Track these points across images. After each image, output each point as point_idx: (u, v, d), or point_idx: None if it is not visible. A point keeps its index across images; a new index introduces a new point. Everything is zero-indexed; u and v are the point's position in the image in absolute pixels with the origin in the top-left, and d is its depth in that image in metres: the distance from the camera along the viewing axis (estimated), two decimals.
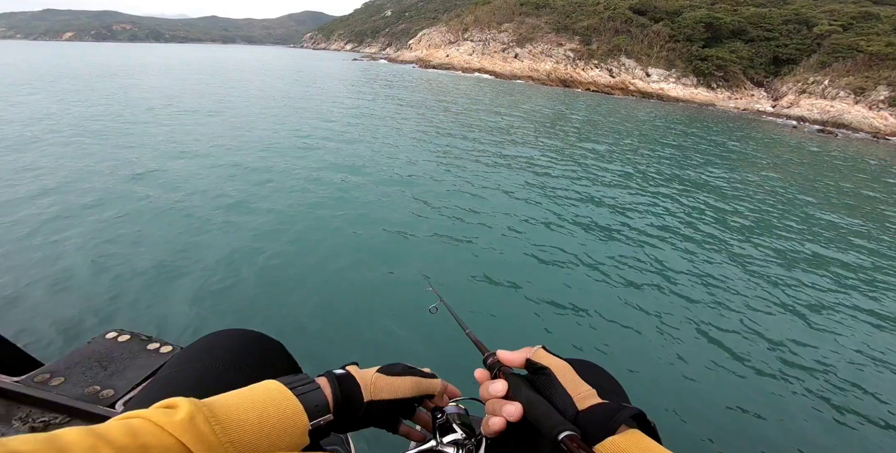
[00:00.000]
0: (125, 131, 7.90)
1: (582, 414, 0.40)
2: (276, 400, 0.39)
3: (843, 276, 4.65)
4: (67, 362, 1.00)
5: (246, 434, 0.36)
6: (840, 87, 26.96)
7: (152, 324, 2.72)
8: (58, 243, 3.61)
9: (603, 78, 36.06)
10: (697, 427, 2.40)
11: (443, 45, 46.15)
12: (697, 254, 4.77)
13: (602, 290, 3.77)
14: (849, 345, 3.35)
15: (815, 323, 3.62)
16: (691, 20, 35.62)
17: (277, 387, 0.41)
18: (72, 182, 5.06)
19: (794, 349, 3.21)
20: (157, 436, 0.31)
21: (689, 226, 5.61)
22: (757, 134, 17.98)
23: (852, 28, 30.60)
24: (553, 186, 6.71)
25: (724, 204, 6.86)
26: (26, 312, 2.71)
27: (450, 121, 12.29)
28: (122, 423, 0.31)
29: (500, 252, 4.31)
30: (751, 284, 4.19)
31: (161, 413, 0.33)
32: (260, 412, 0.38)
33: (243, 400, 0.38)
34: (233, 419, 0.36)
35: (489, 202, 5.70)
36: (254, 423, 0.36)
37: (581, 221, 5.37)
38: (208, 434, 0.33)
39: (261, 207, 4.79)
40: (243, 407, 0.37)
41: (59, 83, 15.33)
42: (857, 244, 5.72)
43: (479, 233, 4.67)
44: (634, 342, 3.09)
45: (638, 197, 6.71)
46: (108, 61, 31.65)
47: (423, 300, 0.78)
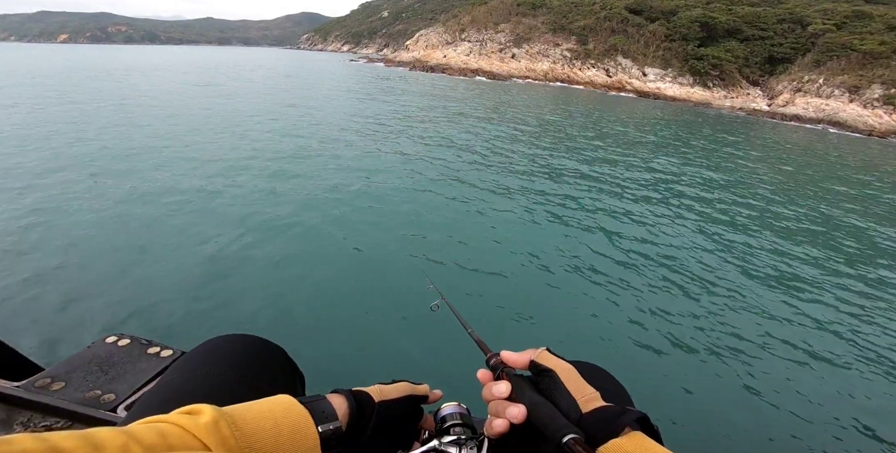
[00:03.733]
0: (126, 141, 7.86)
1: (586, 416, 0.40)
2: (287, 410, 0.41)
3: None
4: (68, 367, 1.01)
5: (261, 441, 0.37)
6: (835, 85, 27.15)
7: (151, 328, 2.71)
8: (56, 248, 3.60)
9: (600, 77, 36.17)
10: (699, 430, 2.41)
11: (440, 45, 46.17)
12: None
13: (608, 291, 3.78)
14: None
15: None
16: (687, 19, 35.80)
17: (288, 399, 0.43)
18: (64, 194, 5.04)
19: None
20: (183, 438, 0.33)
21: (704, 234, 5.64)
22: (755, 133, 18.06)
23: (846, 27, 30.82)
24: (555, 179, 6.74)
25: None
26: (26, 318, 2.70)
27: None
28: (150, 426, 0.33)
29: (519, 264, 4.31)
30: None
31: (186, 417, 0.35)
32: (274, 422, 0.39)
33: (260, 410, 0.40)
34: (250, 427, 0.37)
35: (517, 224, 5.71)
36: (269, 433, 0.38)
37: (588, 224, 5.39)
38: (229, 438, 0.35)
39: (253, 207, 4.79)
40: (259, 417, 0.39)
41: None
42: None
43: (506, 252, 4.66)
44: (641, 348, 3.10)
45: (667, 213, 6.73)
46: (104, 64, 31.38)
47: (426, 298, 0.78)
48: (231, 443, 0.35)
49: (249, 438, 0.36)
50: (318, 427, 0.42)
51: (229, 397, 0.45)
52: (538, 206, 5.77)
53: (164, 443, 0.32)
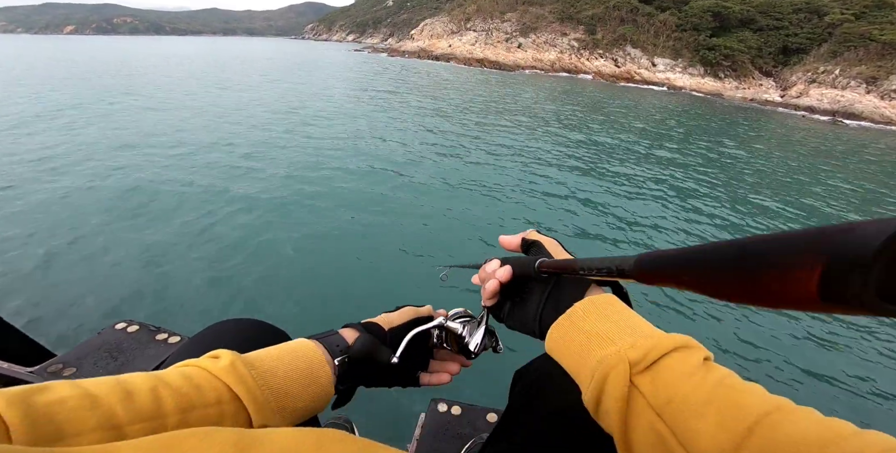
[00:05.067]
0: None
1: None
2: (301, 346, 0.45)
3: None
4: (79, 353, 1.03)
5: (278, 379, 0.41)
6: (851, 76, 26.46)
7: (160, 314, 2.76)
8: (66, 235, 3.66)
9: (608, 67, 35.55)
10: None
11: (445, 35, 45.57)
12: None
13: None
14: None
15: None
16: (699, 9, 34.92)
17: (302, 340, 0.47)
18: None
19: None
20: (207, 379, 0.37)
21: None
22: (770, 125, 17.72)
23: (865, 17, 29.89)
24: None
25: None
26: (39, 304, 2.76)
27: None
28: (178, 370, 0.37)
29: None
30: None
31: (208, 360, 0.39)
32: (289, 358, 0.43)
33: (274, 352, 0.44)
34: (266, 366, 0.41)
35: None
36: (284, 368, 0.42)
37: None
38: (247, 376, 0.38)
39: (259, 187, 4.81)
40: (275, 357, 0.43)
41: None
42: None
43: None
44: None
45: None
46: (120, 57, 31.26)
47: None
48: (249, 382, 0.38)
49: (266, 375, 0.40)
50: (335, 359, 0.45)
51: None
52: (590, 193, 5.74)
53: (191, 384, 0.35)
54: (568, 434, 0.45)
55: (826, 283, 0.17)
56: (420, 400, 2.07)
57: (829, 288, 0.17)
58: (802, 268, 0.17)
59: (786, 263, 0.18)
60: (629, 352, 0.34)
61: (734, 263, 0.21)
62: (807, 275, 0.17)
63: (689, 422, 0.29)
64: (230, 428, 0.26)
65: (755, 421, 0.27)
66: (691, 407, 0.30)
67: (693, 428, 0.29)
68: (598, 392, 0.35)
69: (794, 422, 0.26)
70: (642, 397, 0.32)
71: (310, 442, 0.26)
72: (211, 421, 0.35)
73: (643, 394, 0.32)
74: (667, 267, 0.27)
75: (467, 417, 0.98)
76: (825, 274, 0.17)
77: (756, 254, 0.20)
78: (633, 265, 0.29)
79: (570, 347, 0.39)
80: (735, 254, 0.21)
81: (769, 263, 0.19)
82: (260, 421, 0.38)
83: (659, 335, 0.35)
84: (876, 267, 0.16)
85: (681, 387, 0.31)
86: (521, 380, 0.60)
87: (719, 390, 0.30)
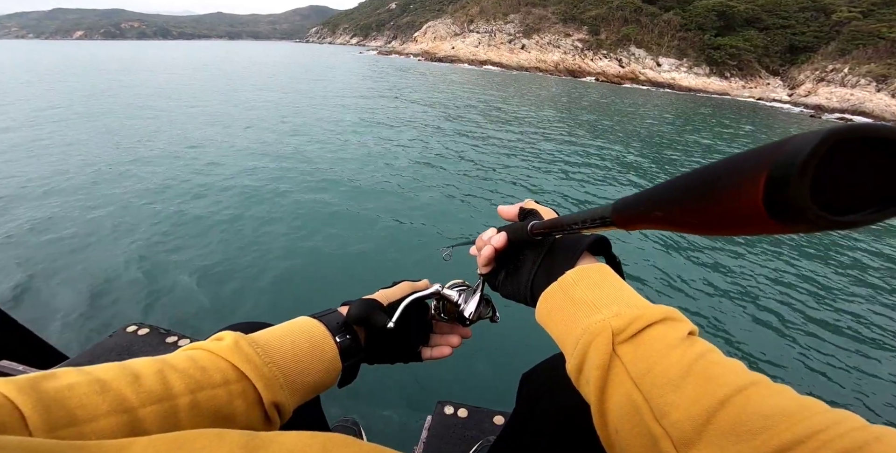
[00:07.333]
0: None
1: (557, 241, 0.45)
2: (303, 324, 0.45)
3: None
4: (90, 355, 1.04)
5: (284, 355, 0.40)
6: (861, 74, 26.10)
7: (169, 317, 2.78)
8: (81, 239, 3.70)
9: (612, 68, 35.40)
10: None
11: (448, 37, 45.65)
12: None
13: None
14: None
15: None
16: (703, 8, 34.70)
17: (303, 318, 0.47)
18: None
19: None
20: (213, 360, 0.37)
21: None
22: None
23: (873, 14, 29.52)
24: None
25: None
26: (51, 307, 2.80)
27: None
28: (182, 353, 0.38)
29: None
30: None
31: (212, 342, 0.39)
32: (292, 337, 0.43)
33: (278, 330, 0.44)
34: (272, 345, 0.41)
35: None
36: (289, 346, 0.42)
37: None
38: (252, 354, 0.38)
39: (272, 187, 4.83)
40: (277, 336, 0.42)
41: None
42: None
43: None
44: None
45: None
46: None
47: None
48: (255, 360, 0.38)
49: (271, 352, 0.40)
50: (336, 337, 0.45)
51: None
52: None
53: (196, 366, 0.35)
54: (575, 438, 0.45)
55: (769, 195, 0.17)
56: (426, 401, 2.07)
57: (773, 200, 0.17)
58: (749, 182, 0.18)
59: (734, 181, 0.19)
60: (613, 321, 0.34)
61: (693, 191, 0.22)
62: (753, 188, 0.18)
63: (666, 394, 0.29)
64: (240, 431, 0.26)
65: (729, 395, 0.27)
66: (670, 380, 0.30)
67: (669, 401, 0.29)
68: (580, 360, 0.35)
69: (767, 397, 0.27)
70: (622, 366, 0.32)
71: (316, 447, 0.26)
72: (220, 401, 0.35)
73: (624, 364, 0.32)
74: (639, 205, 0.26)
75: (474, 419, 0.98)
76: (767, 185, 0.17)
77: (710, 178, 0.21)
78: (611, 211, 0.29)
79: (558, 316, 0.39)
80: (693, 181, 0.22)
81: (721, 184, 0.20)
82: (270, 397, 0.37)
83: (645, 305, 0.35)
84: (808, 171, 0.16)
85: (662, 359, 0.31)
86: (528, 384, 0.59)
87: (699, 364, 0.30)
